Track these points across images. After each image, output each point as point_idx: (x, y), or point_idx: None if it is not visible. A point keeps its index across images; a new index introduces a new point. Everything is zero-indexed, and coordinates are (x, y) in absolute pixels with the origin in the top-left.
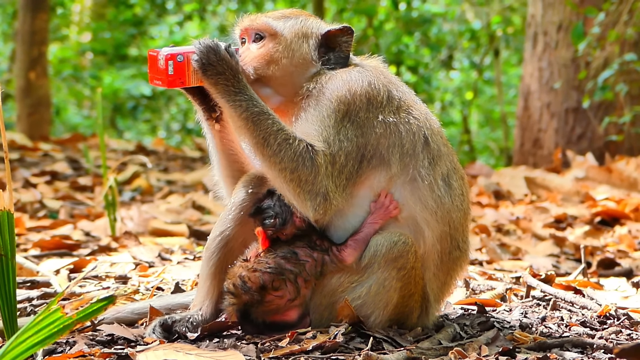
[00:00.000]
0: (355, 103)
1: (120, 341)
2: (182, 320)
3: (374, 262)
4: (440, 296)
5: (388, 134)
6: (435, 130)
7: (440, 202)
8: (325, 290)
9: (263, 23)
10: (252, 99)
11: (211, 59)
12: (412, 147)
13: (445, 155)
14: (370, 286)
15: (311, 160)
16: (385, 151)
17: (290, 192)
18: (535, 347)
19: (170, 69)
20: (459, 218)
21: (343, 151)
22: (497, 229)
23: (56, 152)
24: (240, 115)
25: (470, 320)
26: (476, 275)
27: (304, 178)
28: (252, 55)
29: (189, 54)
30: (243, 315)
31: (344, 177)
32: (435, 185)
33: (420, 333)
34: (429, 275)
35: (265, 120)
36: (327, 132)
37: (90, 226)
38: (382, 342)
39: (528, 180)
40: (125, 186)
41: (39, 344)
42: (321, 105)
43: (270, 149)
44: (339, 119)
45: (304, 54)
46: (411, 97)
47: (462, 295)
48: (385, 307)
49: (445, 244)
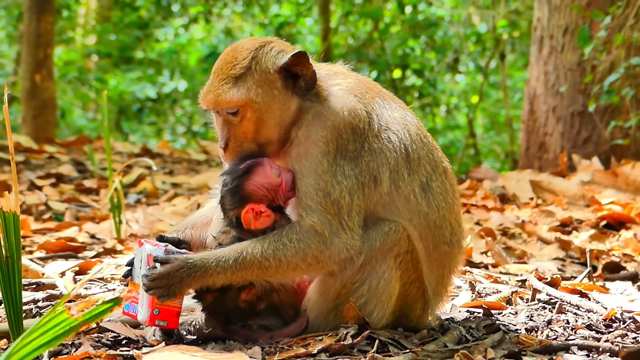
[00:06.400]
0: (342, 137)
1: (125, 342)
2: (185, 323)
3: (371, 257)
4: (439, 290)
5: (375, 157)
6: (413, 136)
7: (416, 210)
8: (329, 295)
9: (227, 101)
10: (213, 258)
11: (161, 284)
12: (396, 163)
13: (424, 157)
14: (371, 282)
15: (310, 236)
16: (376, 172)
17: (317, 271)
18: (541, 350)
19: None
20: (441, 216)
21: (345, 190)
22: (502, 232)
23: (61, 155)
24: (226, 274)
25: (476, 323)
26: (482, 278)
27: (317, 254)
28: (241, 130)
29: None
30: (225, 322)
31: (354, 213)
32: (411, 195)
33: (425, 335)
34: (424, 269)
35: (242, 256)
36: (324, 181)
37: (96, 228)
38: (388, 344)
39: (534, 184)
40: (131, 189)
41: (45, 346)
42: (310, 153)
43: (272, 267)
44: (331, 160)
45: (281, 99)
46: (385, 106)
47: (468, 298)
48: (388, 300)
49: (428, 243)
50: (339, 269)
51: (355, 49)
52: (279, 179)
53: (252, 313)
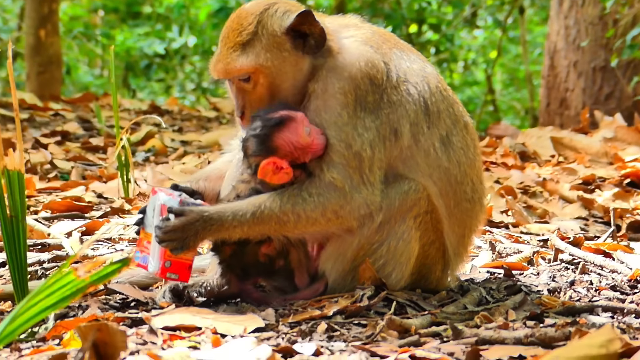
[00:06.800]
0: (360, 88)
1: (134, 305)
2: (195, 285)
3: (390, 217)
4: (459, 251)
5: (394, 110)
6: (432, 88)
7: (436, 165)
8: (347, 256)
9: (237, 69)
10: (230, 211)
11: (175, 237)
12: (415, 116)
13: (444, 111)
14: (390, 243)
15: (330, 190)
16: (396, 124)
17: (336, 227)
18: (564, 311)
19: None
20: (462, 172)
21: (367, 143)
22: (523, 190)
23: (67, 112)
24: (243, 228)
25: (497, 284)
26: (502, 238)
27: (336, 209)
28: (255, 96)
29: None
30: (242, 277)
31: (375, 168)
32: (431, 149)
33: (445, 297)
34: (444, 228)
35: (260, 210)
36: (345, 133)
37: (103, 187)
38: (406, 306)
39: (555, 141)
40: (139, 147)
41: (51, 308)
42: (329, 106)
43: (290, 222)
44: (351, 112)
45: (292, 61)
46: (403, 58)
47: (488, 259)
48: (407, 262)
49: (449, 199)
50: (358, 226)
51: (369, 3)
52: (309, 139)
53: (270, 270)
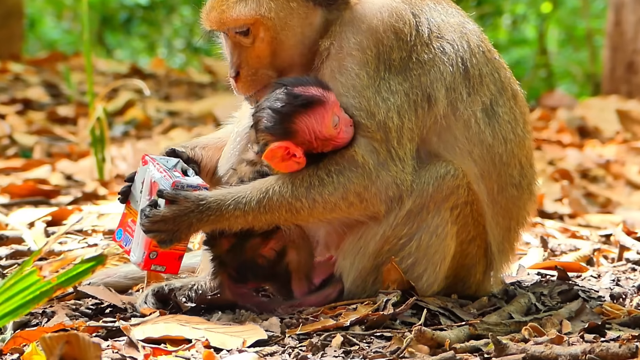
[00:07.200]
0: (382, 43)
1: (110, 311)
2: (184, 287)
3: (422, 206)
4: (504, 247)
5: (427, 71)
6: (473, 48)
7: (477, 139)
8: (368, 250)
9: (234, 18)
10: (231, 199)
11: (164, 228)
12: (452, 80)
13: (488, 75)
14: (421, 238)
15: (352, 168)
16: (429, 88)
17: (360, 213)
18: (630, 322)
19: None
20: (509, 151)
21: (393, 110)
22: (581, 174)
23: (30, 75)
24: (246, 218)
25: (549, 288)
26: (556, 232)
27: (360, 190)
28: (254, 54)
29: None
30: (236, 279)
31: (405, 140)
32: (471, 119)
33: (486, 304)
34: (486, 220)
35: (267, 196)
36: (365, 99)
37: (73, 168)
38: (439, 315)
39: (621, 114)
40: (117, 118)
41: (9, 315)
42: (344, 66)
43: (304, 209)
44: (372, 72)
45: (300, 13)
46: (438, 10)
47: (539, 258)
48: (441, 262)
49: (492, 183)
50: (387, 211)
51: None
52: (335, 131)
53: (268, 273)
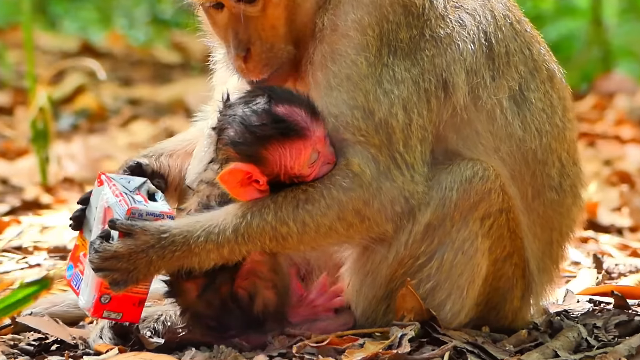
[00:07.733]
0: (388, 20)
1: (57, 348)
2: (149, 319)
3: (444, 217)
4: (545, 265)
5: (442, 51)
6: (499, 18)
7: (504, 133)
8: (379, 277)
9: None
10: (200, 229)
11: (117, 266)
12: (473, 60)
13: (517, 53)
14: (443, 256)
15: (347, 181)
16: (446, 72)
17: (362, 235)
18: None
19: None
20: (545, 145)
21: (398, 104)
22: None
23: None
24: (220, 251)
25: (604, 319)
26: (613, 249)
27: (359, 207)
28: (267, 24)
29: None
30: (221, 328)
31: (414, 141)
32: (496, 109)
33: (525, 339)
34: (523, 231)
35: (245, 222)
36: (363, 93)
37: (10, 169)
38: (466, 353)
39: None
40: (64, 107)
41: None
42: (339, 50)
43: (292, 235)
44: (373, 57)
45: None
46: None
47: (592, 281)
48: (469, 285)
49: (525, 186)
50: (394, 230)
51: None
52: (308, 171)
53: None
